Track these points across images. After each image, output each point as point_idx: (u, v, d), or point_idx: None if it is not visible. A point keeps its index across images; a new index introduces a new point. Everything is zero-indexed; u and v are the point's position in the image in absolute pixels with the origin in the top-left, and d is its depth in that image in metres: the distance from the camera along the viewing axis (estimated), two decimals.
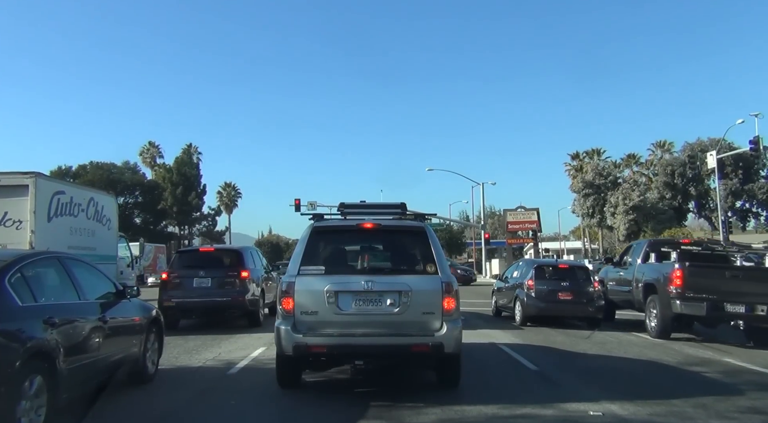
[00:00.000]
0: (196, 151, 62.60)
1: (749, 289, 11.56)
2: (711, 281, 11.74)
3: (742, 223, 55.24)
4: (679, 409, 6.37)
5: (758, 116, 36.25)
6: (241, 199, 74.99)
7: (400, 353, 6.61)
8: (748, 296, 11.45)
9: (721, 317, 11.79)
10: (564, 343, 11.63)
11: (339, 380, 7.64)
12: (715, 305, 11.51)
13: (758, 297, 11.42)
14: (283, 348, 6.54)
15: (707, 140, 52.24)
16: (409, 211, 7.72)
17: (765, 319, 11.41)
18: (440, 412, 6.10)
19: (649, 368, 9.34)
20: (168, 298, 13.08)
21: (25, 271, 5.27)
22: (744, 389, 7.67)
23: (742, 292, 11.51)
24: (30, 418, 4.62)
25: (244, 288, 13.27)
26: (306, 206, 43.69)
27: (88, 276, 6.51)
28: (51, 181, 14.36)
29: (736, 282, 11.71)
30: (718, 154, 39.28)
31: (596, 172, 56.16)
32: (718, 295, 11.55)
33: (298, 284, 6.55)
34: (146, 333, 7.31)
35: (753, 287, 11.60)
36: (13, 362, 4.40)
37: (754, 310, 11.37)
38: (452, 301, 6.51)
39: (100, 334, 5.96)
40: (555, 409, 6.31)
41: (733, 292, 11.53)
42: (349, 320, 6.48)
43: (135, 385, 7.12)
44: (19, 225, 11.82)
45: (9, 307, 4.77)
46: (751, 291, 11.51)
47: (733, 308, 11.45)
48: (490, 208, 78.76)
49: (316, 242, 7.07)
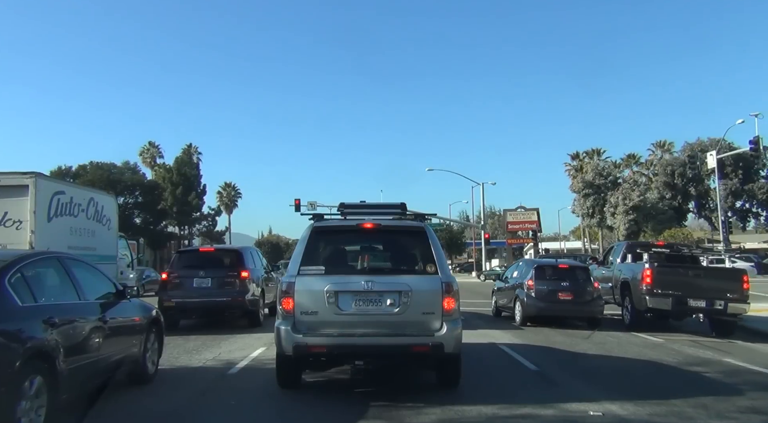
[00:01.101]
0: (196, 151, 62.70)
1: (709, 286, 13.15)
2: (676, 280, 13.28)
3: (742, 223, 55.35)
4: (679, 409, 6.38)
5: (758, 116, 36.29)
6: (241, 199, 75.17)
7: (400, 353, 6.61)
8: (708, 292, 13.03)
9: (685, 311, 13.42)
10: (564, 343, 11.64)
11: (339, 380, 7.64)
12: (680, 300, 13.10)
13: (717, 293, 13.02)
14: (283, 348, 6.54)
15: (707, 140, 52.35)
16: (409, 211, 7.72)
17: (722, 313, 13.06)
18: (440, 412, 6.10)
19: (649, 368, 9.34)
20: (168, 298, 13.08)
21: (25, 271, 5.27)
22: (744, 389, 7.67)
23: (703, 289, 13.08)
24: (30, 418, 4.62)
25: (244, 288, 13.27)
26: (306, 206, 43.75)
27: (88, 276, 6.51)
28: (51, 181, 14.35)
29: (697, 280, 13.32)
30: (718, 154, 39.29)
31: (596, 172, 56.22)
32: (682, 291, 13.10)
33: (298, 284, 6.55)
34: (146, 333, 7.30)
35: (712, 285, 13.22)
36: (13, 362, 4.40)
37: (713, 305, 13.00)
38: (452, 301, 6.51)
39: (100, 335, 5.96)
40: (555, 409, 6.31)
41: (695, 289, 13.11)
42: (349, 320, 6.48)
43: (135, 385, 7.12)
44: (19, 225, 11.80)
45: (9, 307, 4.77)
46: (711, 288, 13.11)
47: (695, 303, 13.08)
48: (490, 208, 78.90)
49: (316, 242, 7.07)
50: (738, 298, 13.08)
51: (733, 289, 13.17)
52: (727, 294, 13.06)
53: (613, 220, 52.67)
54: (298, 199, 43.57)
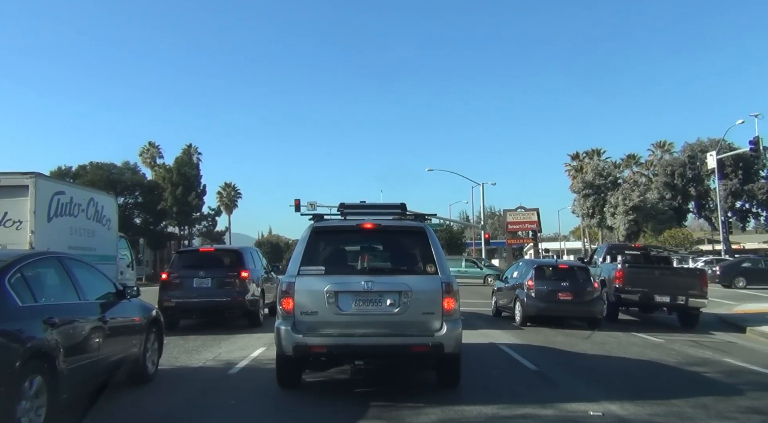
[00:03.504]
0: (196, 151, 62.56)
1: (673, 284, 14.98)
2: (644, 278, 15.07)
3: (742, 224, 55.28)
4: (679, 409, 6.38)
5: (758, 116, 36.34)
6: (241, 199, 75.00)
7: (400, 353, 6.61)
8: (671, 289, 14.84)
9: (651, 305, 15.35)
10: (564, 343, 11.64)
11: (339, 380, 7.64)
12: (647, 296, 14.96)
13: (678, 290, 14.82)
14: (283, 348, 6.54)
15: (707, 140, 52.27)
16: (409, 212, 7.72)
17: (683, 307, 14.95)
18: (440, 412, 6.10)
19: (649, 368, 9.34)
20: (168, 298, 13.07)
21: (25, 271, 5.27)
22: (744, 389, 7.68)
23: (667, 286, 14.90)
24: (30, 418, 4.62)
25: (244, 288, 13.27)
26: (306, 206, 43.67)
27: (88, 276, 6.51)
28: (51, 182, 14.34)
29: (662, 279, 15.13)
30: (718, 155, 39.33)
31: (596, 173, 56.15)
32: (649, 288, 14.93)
33: (298, 284, 6.55)
34: (146, 333, 7.30)
35: (675, 282, 15.07)
36: (13, 362, 4.40)
37: (675, 300, 14.80)
38: (452, 301, 6.52)
39: (100, 334, 5.96)
40: (555, 409, 6.31)
41: (660, 286, 14.93)
42: (349, 320, 6.48)
43: (135, 385, 7.12)
44: (19, 225, 11.79)
45: (9, 308, 4.77)
46: (673, 285, 14.94)
47: (660, 298, 14.92)
48: (490, 208, 78.87)
49: (316, 242, 7.07)
50: (698, 294, 14.83)
51: (694, 286, 14.92)
52: (688, 291, 14.80)
53: (613, 220, 52.60)
54: (298, 199, 43.57)
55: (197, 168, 60.62)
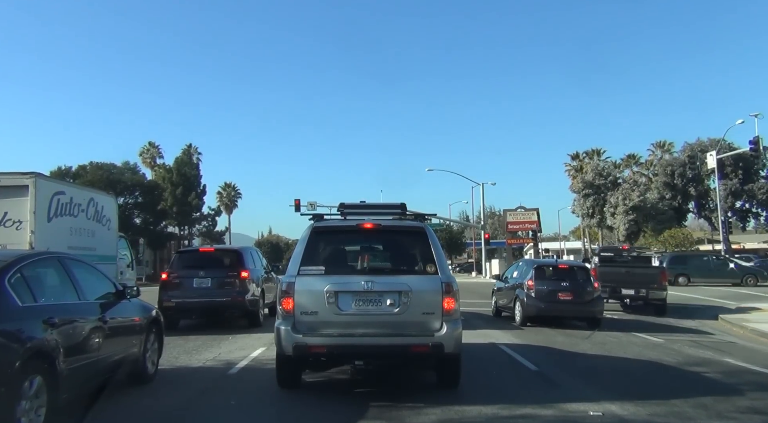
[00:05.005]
0: (196, 151, 62.56)
1: (636, 279, 18.11)
2: (612, 274, 18.10)
3: (742, 224, 55.14)
4: (679, 409, 6.37)
5: (758, 116, 36.34)
6: (241, 199, 75.06)
7: (400, 353, 6.61)
8: (635, 284, 18.07)
9: (619, 296, 18.52)
10: (564, 343, 11.64)
11: (339, 380, 7.64)
12: (615, 289, 18.12)
13: (641, 284, 18.07)
14: (283, 348, 6.54)
15: (707, 140, 52.17)
16: (409, 212, 7.71)
17: (645, 298, 18.14)
18: (440, 412, 6.09)
19: (649, 368, 9.34)
20: (168, 298, 13.07)
21: (25, 271, 5.27)
22: (744, 389, 7.68)
23: (632, 281, 18.08)
24: (30, 418, 4.62)
25: (244, 288, 13.27)
26: (306, 206, 43.66)
27: (88, 276, 6.51)
28: (51, 182, 14.34)
29: (628, 275, 18.26)
30: (718, 155, 39.31)
31: (596, 173, 56.05)
32: (617, 283, 18.11)
33: (298, 284, 6.55)
34: (146, 333, 7.30)
35: (638, 278, 18.15)
36: (13, 362, 4.40)
37: (638, 292, 18.07)
38: (452, 301, 6.51)
39: (100, 335, 5.96)
40: (555, 409, 6.31)
41: (626, 281, 18.12)
42: (349, 320, 6.48)
43: (135, 385, 7.12)
44: (19, 225, 11.79)
45: (9, 308, 4.77)
46: (637, 280, 18.09)
47: (625, 291, 18.19)
48: (490, 208, 78.83)
49: (316, 242, 7.07)
50: (657, 287, 18.00)
51: (654, 281, 18.15)
52: (649, 284, 18.00)
53: (613, 220, 52.52)
54: (298, 199, 43.56)
55: (197, 168, 60.61)
